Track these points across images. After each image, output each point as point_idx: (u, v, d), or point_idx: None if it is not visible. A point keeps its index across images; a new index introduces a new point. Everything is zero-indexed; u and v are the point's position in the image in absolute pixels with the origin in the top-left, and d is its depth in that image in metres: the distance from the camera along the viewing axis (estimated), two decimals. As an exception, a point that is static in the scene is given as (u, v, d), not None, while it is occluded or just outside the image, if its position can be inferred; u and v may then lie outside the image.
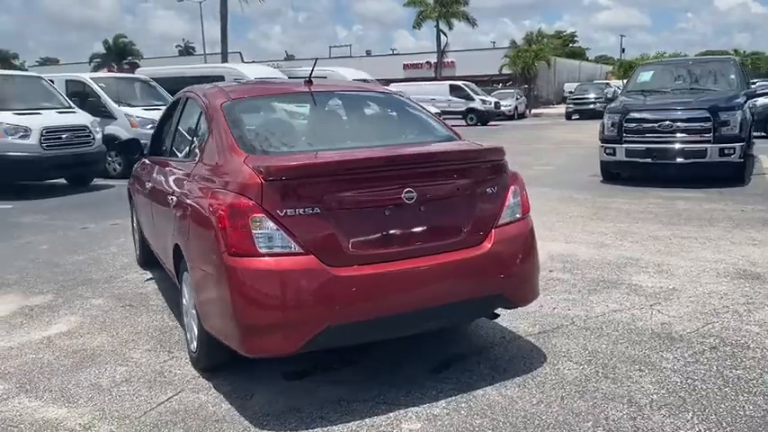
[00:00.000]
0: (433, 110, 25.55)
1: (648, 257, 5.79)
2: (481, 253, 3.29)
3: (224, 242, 2.96)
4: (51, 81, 12.66)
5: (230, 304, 2.97)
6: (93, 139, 11.41)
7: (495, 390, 3.34)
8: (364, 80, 17.64)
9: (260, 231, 2.92)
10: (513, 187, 3.52)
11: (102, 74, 20.77)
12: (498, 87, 44.35)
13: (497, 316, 3.72)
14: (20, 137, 10.40)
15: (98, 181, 12.28)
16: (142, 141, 5.45)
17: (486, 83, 47.13)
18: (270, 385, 3.47)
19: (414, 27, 46.18)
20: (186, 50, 61.71)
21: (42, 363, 3.90)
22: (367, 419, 3.08)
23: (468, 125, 30.16)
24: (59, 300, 5.14)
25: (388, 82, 31.66)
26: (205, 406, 3.27)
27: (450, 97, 30.97)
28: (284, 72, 21.54)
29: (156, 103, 13.33)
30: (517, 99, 36.81)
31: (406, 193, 3.11)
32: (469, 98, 30.81)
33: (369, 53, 64.42)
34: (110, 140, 12.18)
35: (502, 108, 32.89)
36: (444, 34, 45.03)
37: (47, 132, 10.59)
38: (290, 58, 64.86)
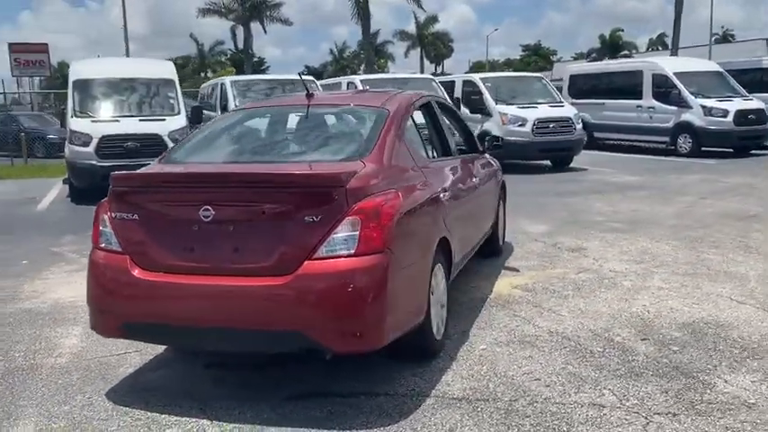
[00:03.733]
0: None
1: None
2: (281, 284, 3.07)
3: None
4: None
5: None
6: None
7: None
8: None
9: (102, 228, 3.46)
10: (349, 218, 3.09)
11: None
12: None
13: (324, 355, 3.25)
14: None
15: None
16: None
17: None
18: (186, 366, 3.95)
19: None
20: (724, 38, 56.78)
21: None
22: (167, 418, 3.30)
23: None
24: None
25: None
26: (127, 367, 3.94)
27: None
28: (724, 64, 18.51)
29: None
30: None
31: (203, 211, 3.17)
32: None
33: None
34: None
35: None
36: None
37: None
38: None
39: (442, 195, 4.01)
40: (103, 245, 3.45)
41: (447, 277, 4.20)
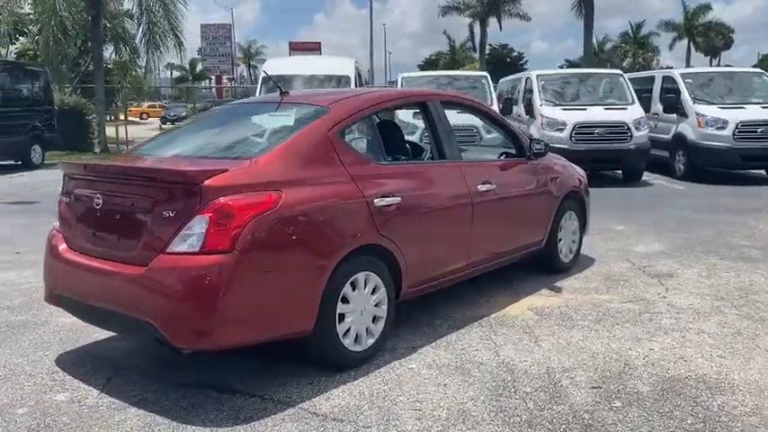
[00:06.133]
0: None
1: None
2: (137, 274, 3.21)
3: None
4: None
5: None
6: None
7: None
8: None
9: (57, 209, 3.94)
10: (201, 216, 3.10)
11: None
12: None
13: (163, 343, 3.27)
14: None
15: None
16: None
17: None
18: (146, 342, 4.29)
19: None
20: None
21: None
22: (75, 382, 3.68)
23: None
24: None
25: None
26: (103, 334, 4.39)
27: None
28: None
29: None
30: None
31: (96, 199, 3.45)
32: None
33: None
34: None
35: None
36: None
37: None
38: None
39: (380, 201, 3.78)
40: (55, 223, 3.93)
41: (395, 288, 3.97)
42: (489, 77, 13.51)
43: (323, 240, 3.49)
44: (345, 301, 3.64)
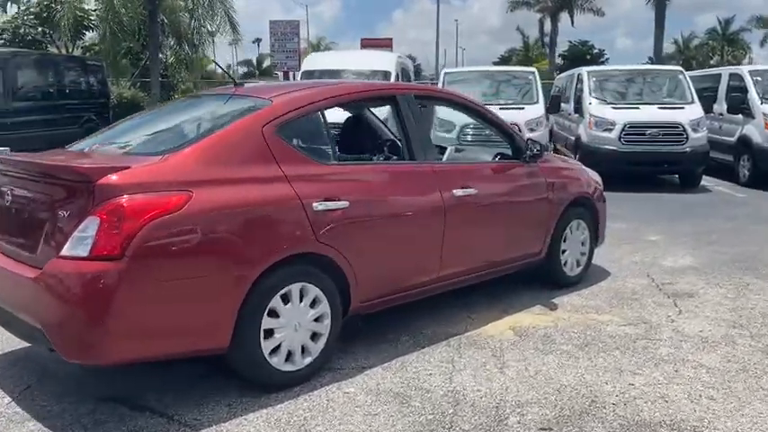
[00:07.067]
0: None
1: None
2: (29, 278, 2.94)
3: None
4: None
5: None
6: None
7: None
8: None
9: None
10: (92, 218, 2.80)
11: None
12: None
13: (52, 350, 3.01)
14: None
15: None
16: None
17: None
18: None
19: None
20: None
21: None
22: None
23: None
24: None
25: None
26: None
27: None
28: None
29: None
30: None
31: (7, 195, 3.23)
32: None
33: None
34: None
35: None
36: None
37: None
38: None
39: (320, 205, 3.40)
40: None
41: (343, 302, 3.59)
42: (537, 73, 12.80)
43: (242, 248, 3.14)
44: (274, 315, 3.29)
